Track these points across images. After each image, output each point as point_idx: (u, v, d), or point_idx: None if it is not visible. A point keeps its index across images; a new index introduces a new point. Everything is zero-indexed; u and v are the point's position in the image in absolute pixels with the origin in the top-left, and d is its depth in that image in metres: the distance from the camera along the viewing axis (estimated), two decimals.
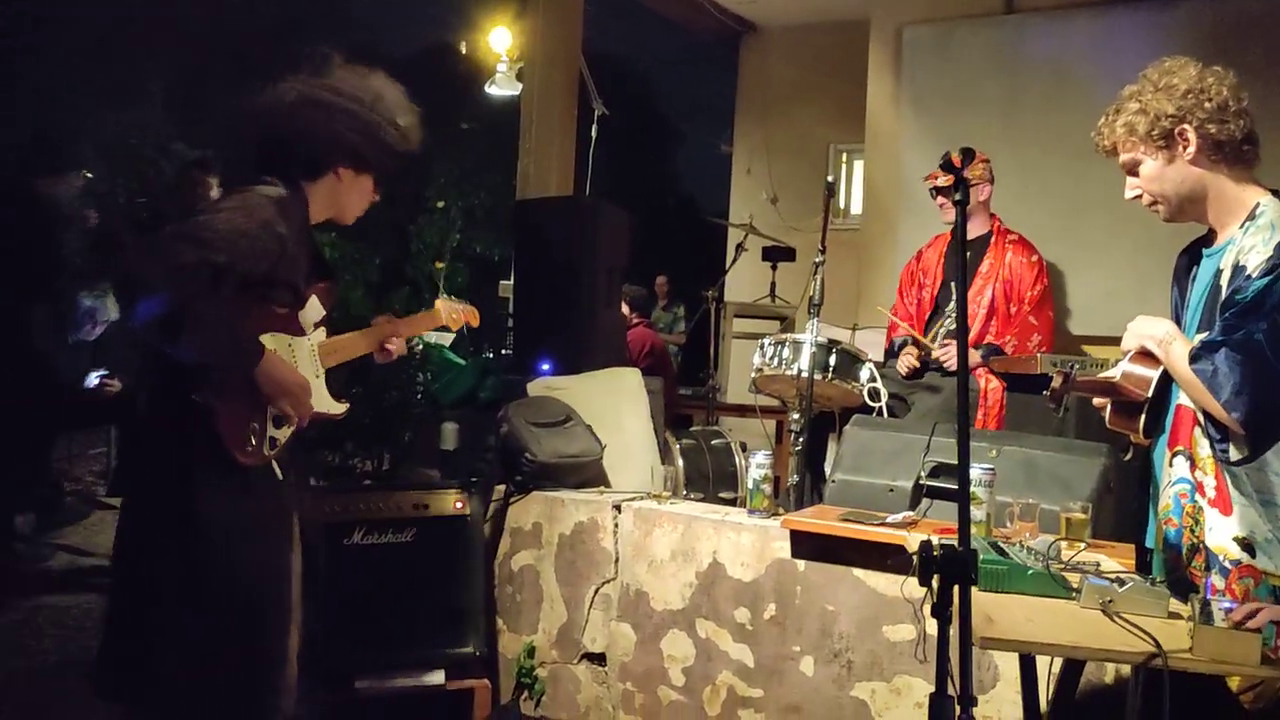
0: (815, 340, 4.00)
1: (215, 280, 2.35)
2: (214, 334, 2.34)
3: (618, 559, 3.80)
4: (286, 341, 2.58)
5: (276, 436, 2.54)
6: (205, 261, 2.31)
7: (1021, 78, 5.91)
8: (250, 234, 2.40)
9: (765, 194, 8.90)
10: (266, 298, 2.53)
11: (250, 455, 2.47)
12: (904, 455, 3.53)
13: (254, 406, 2.49)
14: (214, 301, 2.34)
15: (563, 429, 4.17)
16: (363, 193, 2.72)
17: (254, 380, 2.46)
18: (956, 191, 1.86)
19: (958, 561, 1.70)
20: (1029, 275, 4.53)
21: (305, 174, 2.63)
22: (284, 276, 2.54)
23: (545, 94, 6.93)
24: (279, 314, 2.58)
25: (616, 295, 5.08)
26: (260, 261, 2.43)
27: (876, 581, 3.23)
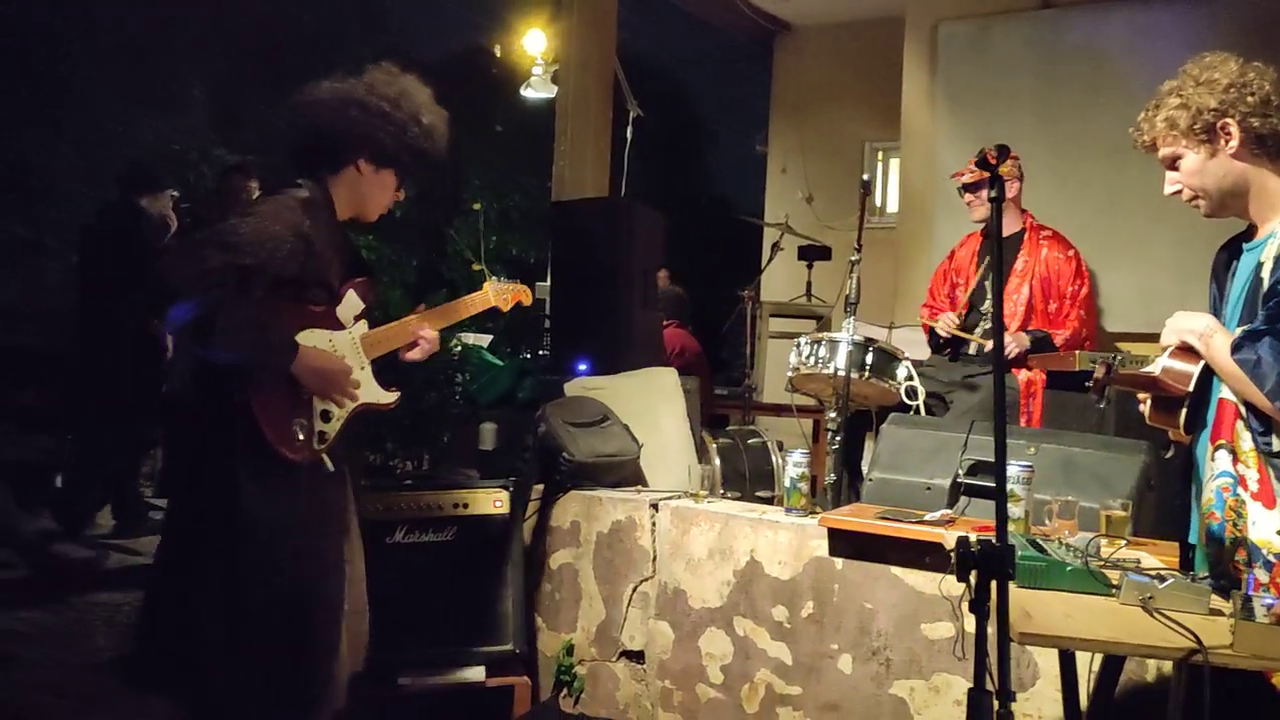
0: (852, 339, 3.99)
1: (245, 282, 2.41)
2: (246, 334, 2.40)
3: (655, 557, 3.82)
4: (327, 337, 2.64)
5: (325, 430, 2.60)
6: (232, 265, 2.37)
7: (1058, 73, 5.87)
8: (276, 236, 2.46)
9: (800, 193, 8.88)
10: (301, 297, 2.58)
11: (299, 450, 2.52)
12: (941, 453, 3.51)
13: (298, 403, 2.54)
14: (244, 303, 2.39)
15: (600, 428, 4.20)
16: (384, 188, 2.76)
17: (294, 377, 2.50)
18: (992, 188, 1.86)
19: (995, 556, 1.70)
20: (1067, 270, 4.49)
21: (328, 168, 2.69)
22: (316, 275, 2.60)
23: (580, 96, 6.97)
24: (315, 312, 2.63)
25: (653, 295, 5.10)
26: (288, 262, 2.49)
27: (914, 579, 3.23)
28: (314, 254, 2.55)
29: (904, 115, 6.86)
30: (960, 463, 3.42)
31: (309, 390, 2.55)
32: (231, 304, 2.37)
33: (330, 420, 2.61)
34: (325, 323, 2.66)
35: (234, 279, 2.38)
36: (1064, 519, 2.85)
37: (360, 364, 2.72)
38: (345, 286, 2.72)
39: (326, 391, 2.58)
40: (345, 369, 2.63)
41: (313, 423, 2.57)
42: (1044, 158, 5.08)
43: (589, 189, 6.75)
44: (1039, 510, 2.95)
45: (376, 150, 2.69)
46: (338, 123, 2.65)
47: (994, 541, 1.75)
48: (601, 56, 7.01)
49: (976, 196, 4.52)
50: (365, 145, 2.67)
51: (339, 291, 2.70)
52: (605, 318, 4.85)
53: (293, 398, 2.53)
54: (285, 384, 2.52)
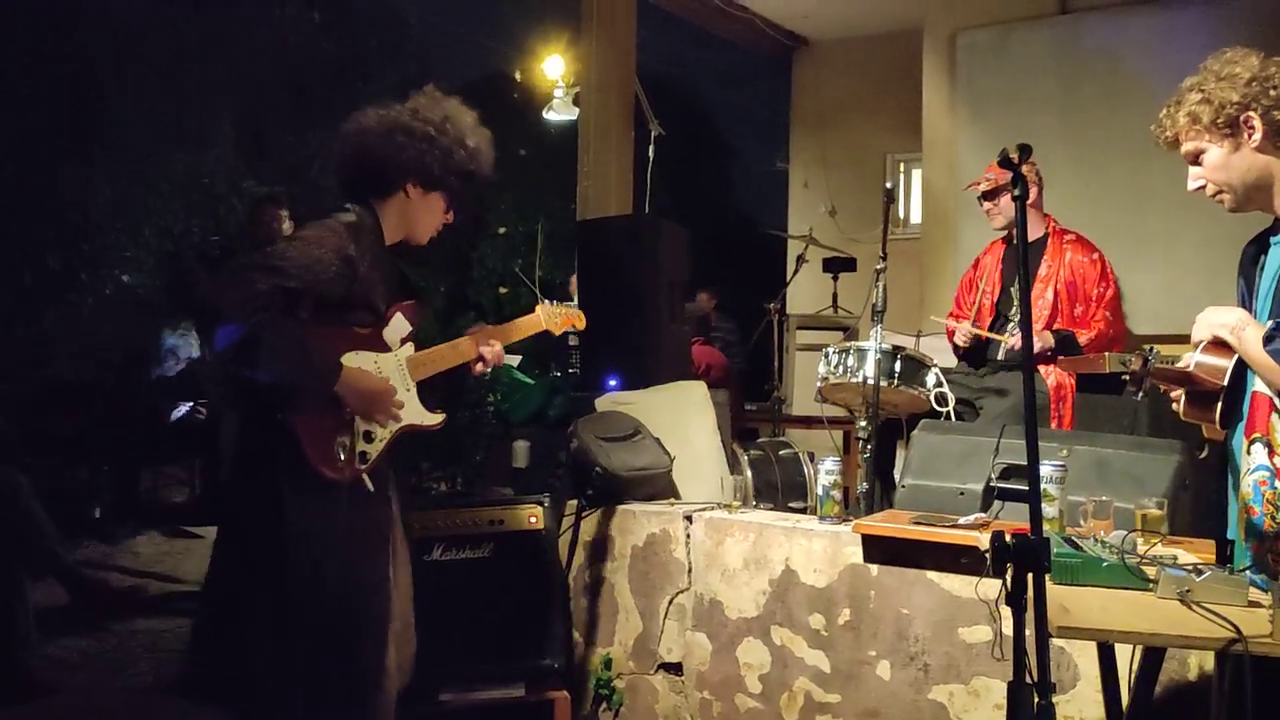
0: (880, 347, 4.00)
1: (290, 305, 2.45)
2: (290, 356, 2.44)
3: (690, 569, 3.83)
4: (372, 359, 2.68)
5: (367, 451, 2.62)
6: (278, 288, 2.41)
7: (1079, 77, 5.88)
8: (322, 260, 2.50)
9: (823, 207, 8.91)
10: (346, 319, 2.63)
11: (339, 471, 2.55)
12: (973, 458, 3.51)
13: (340, 423, 2.57)
14: (289, 325, 2.44)
15: (631, 442, 4.22)
16: (433, 211, 2.80)
17: (337, 397, 2.54)
18: (1015, 187, 1.89)
19: (1030, 550, 1.72)
20: (1092, 273, 4.48)
21: (376, 194, 2.73)
22: (362, 298, 2.64)
23: (602, 118, 7.03)
24: (361, 334, 2.67)
25: (679, 310, 5.14)
26: (334, 285, 2.53)
27: (950, 583, 3.23)
28: (359, 277, 2.59)
29: (925, 125, 6.88)
30: (992, 467, 3.41)
31: (351, 411, 2.59)
32: (277, 326, 2.41)
33: (373, 441, 2.64)
34: (371, 345, 2.69)
35: (280, 302, 2.43)
36: (1099, 519, 2.84)
37: (406, 386, 2.74)
38: (393, 310, 2.74)
39: (369, 412, 2.61)
40: (388, 390, 2.65)
41: (354, 443, 2.60)
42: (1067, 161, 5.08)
43: (613, 208, 6.81)
44: (1073, 511, 2.95)
45: (424, 174, 2.72)
46: (385, 149, 2.69)
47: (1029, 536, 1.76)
48: (622, 77, 7.08)
49: (995, 205, 4.52)
50: (413, 170, 2.71)
51: (386, 314, 2.73)
52: (633, 333, 4.88)
53: (335, 418, 2.57)
54: (328, 405, 2.55)
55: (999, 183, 4.42)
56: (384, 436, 2.66)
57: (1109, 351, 4.32)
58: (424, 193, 2.75)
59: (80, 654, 4.45)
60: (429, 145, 2.70)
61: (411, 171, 2.71)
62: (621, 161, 7.03)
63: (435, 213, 2.80)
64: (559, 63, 8.42)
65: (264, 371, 2.45)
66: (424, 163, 2.70)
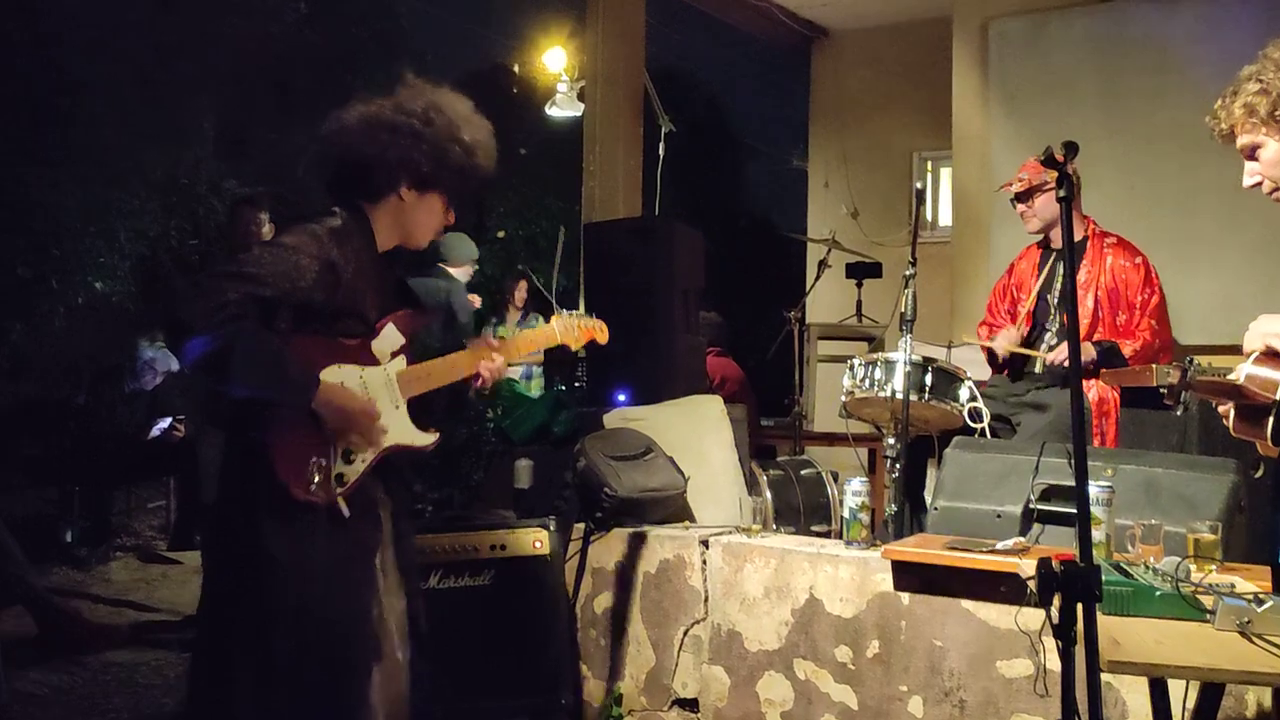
0: (909, 359, 3.99)
1: (267, 315, 2.45)
2: (262, 369, 2.43)
3: (707, 597, 3.83)
4: (358, 373, 2.65)
5: (345, 473, 2.60)
6: (251, 297, 2.41)
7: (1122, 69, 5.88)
8: (300, 267, 2.49)
9: (845, 208, 8.91)
10: (331, 331, 2.62)
11: (314, 493, 2.53)
12: (1011, 478, 3.51)
13: (317, 442, 2.55)
14: (263, 337, 2.43)
15: (643, 461, 4.22)
16: (431, 213, 2.77)
17: (315, 414, 2.53)
18: (1060, 188, 1.89)
19: (1080, 577, 1.71)
20: (1135, 279, 4.46)
21: (367, 197, 2.72)
22: (347, 307, 2.62)
23: (609, 113, 7.05)
24: (347, 346, 2.65)
25: (694, 319, 5.14)
26: (315, 294, 2.52)
27: (988, 613, 3.22)
28: (343, 285, 2.58)
29: (955, 121, 6.88)
30: (1032, 488, 3.42)
31: (329, 429, 2.58)
32: (249, 338, 2.41)
33: (353, 462, 2.62)
34: (358, 357, 2.67)
35: (253, 312, 2.43)
36: (1148, 544, 2.83)
37: (394, 402, 2.71)
38: (384, 320, 2.73)
39: (345, 432, 2.59)
40: (367, 409, 2.61)
41: (331, 463, 2.59)
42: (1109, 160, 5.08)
43: (621, 210, 6.82)
44: (1121, 535, 2.94)
45: (415, 174, 2.69)
46: (368, 149, 2.66)
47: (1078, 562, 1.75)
48: (630, 70, 7.10)
49: (1029, 206, 4.50)
50: (403, 170, 2.68)
51: (376, 325, 2.72)
52: (644, 344, 4.88)
53: (312, 436, 2.55)
54: (305, 422, 2.54)
55: (1033, 182, 4.41)
56: (366, 457, 2.64)
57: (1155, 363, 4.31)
58: (420, 195, 2.72)
59: (51, 690, 4.45)
60: (415, 141, 2.66)
61: (402, 172, 2.68)
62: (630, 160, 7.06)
63: (434, 214, 2.78)
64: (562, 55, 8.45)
65: (234, 386, 2.44)
66: (412, 161, 2.67)
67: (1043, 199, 4.42)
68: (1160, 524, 2.86)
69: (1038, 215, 4.50)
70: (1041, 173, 4.29)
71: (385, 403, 2.69)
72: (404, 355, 2.76)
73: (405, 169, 2.68)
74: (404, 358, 2.76)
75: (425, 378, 2.78)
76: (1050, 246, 4.58)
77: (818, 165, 9.48)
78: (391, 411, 2.70)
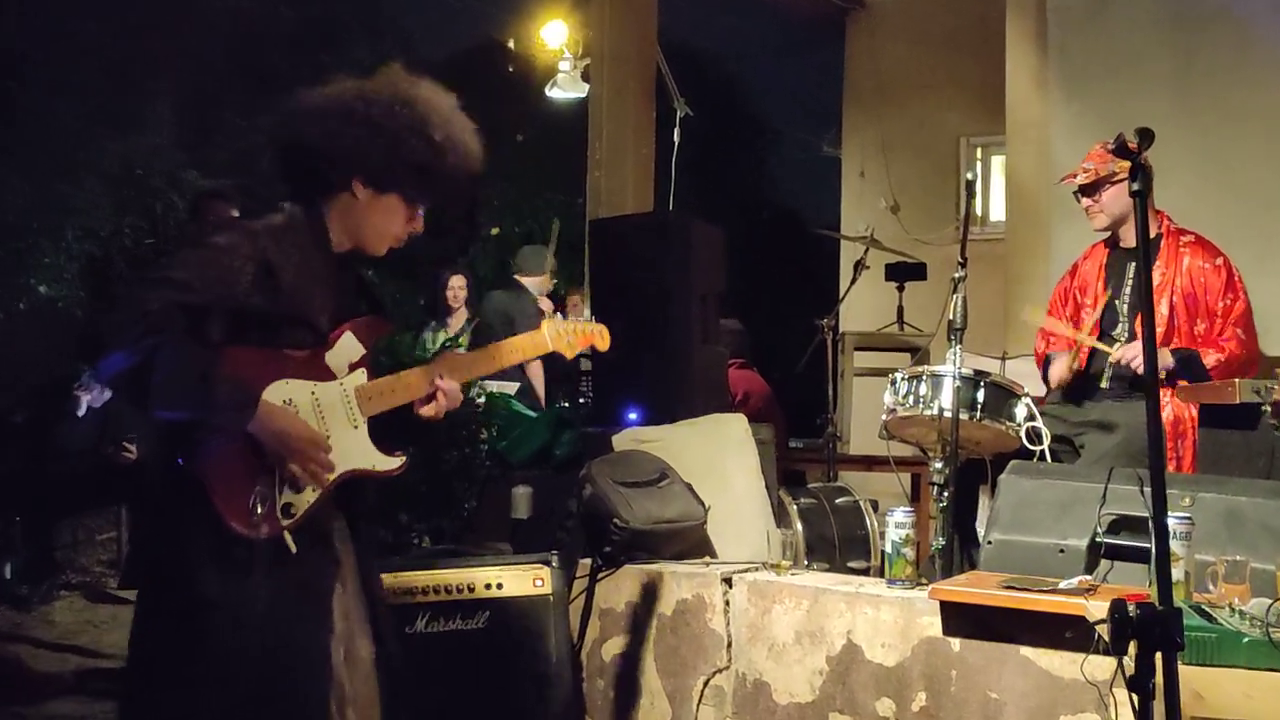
0: (959, 372, 3.99)
1: (196, 326, 2.45)
2: (188, 388, 2.42)
3: (730, 643, 3.81)
4: (309, 389, 2.63)
5: (293, 503, 2.59)
6: (176, 305, 2.40)
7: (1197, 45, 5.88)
8: (233, 270, 2.49)
9: (884, 201, 8.92)
10: (275, 340, 2.61)
11: (254, 527, 2.52)
12: (1075, 508, 3.51)
13: (258, 469, 2.55)
14: (188, 351, 2.42)
15: (657, 489, 4.21)
16: (387, 216, 2.74)
17: (254, 438, 2.52)
18: (1134, 181, 1.88)
19: (1159, 622, 1.70)
20: (1215, 282, 4.45)
21: (320, 191, 2.71)
22: (293, 314, 2.61)
23: (617, 95, 7.08)
24: (295, 358, 2.63)
25: (714, 327, 5.14)
26: (251, 299, 2.51)
27: (1050, 661, 3.20)
28: (286, 289, 2.57)
29: (1009, 103, 6.89)
30: (1099, 518, 3.42)
31: (271, 456, 2.56)
32: (171, 353, 2.40)
33: (302, 490, 2.61)
34: (308, 371, 2.65)
35: (179, 322, 2.42)
36: (1232, 583, 2.83)
37: (353, 421, 2.70)
38: (341, 329, 2.72)
39: (286, 458, 2.58)
40: (312, 436, 2.59)
41: (276, 493, 2.57)
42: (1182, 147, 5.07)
43: (631, 203, 6.85)
44: (1201, 573, 2.93)
45: (368, 170, 2.68)
46: (321, 137, 2.66)
47: (1156, 606, 1.75)
48: (640, 47, 7.13)
49: (1095, 201, 4.49)
50: (354, 164, 2.67)
51: (331, 334, 2.71)
52: (658, 356, 4.89)
53: (252, 463, 2.53)
54: (244, 446, 2.53)
55: (1100, 173, 4.40)
56: (316, 487, 2.63)
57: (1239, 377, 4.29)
58: (374, 194, 2.71)
59: None
60: (371, 134, 2.64)
61: (352, 165, 2.67)
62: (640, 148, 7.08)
63: (392, 217, 2.74)
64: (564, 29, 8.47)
65: (156, 408, 2.44)
66: (365, 155, 2.65)
67: (1111, 192, 4.41)
68: (1246, 560, 2.85)
69: (1105, 211, 4.48)
70: (1109, 162, 4.28)
71: (341, 422, 2.67)
72: (364, 368, 2.74)
73: (357, 162, 2.67)
74: (364, 370, 2.73)
75: (386, 394, 2.75)
76: (1119, 245, 4.57)
77: (853, 153, 9.50)
78: (349, 431, 2.68)
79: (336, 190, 2.70)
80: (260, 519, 2.53)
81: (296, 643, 2.59)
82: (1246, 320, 4.43)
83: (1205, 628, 2.23)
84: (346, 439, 2.67)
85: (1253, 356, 4.42)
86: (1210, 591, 2.85)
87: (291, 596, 2.58)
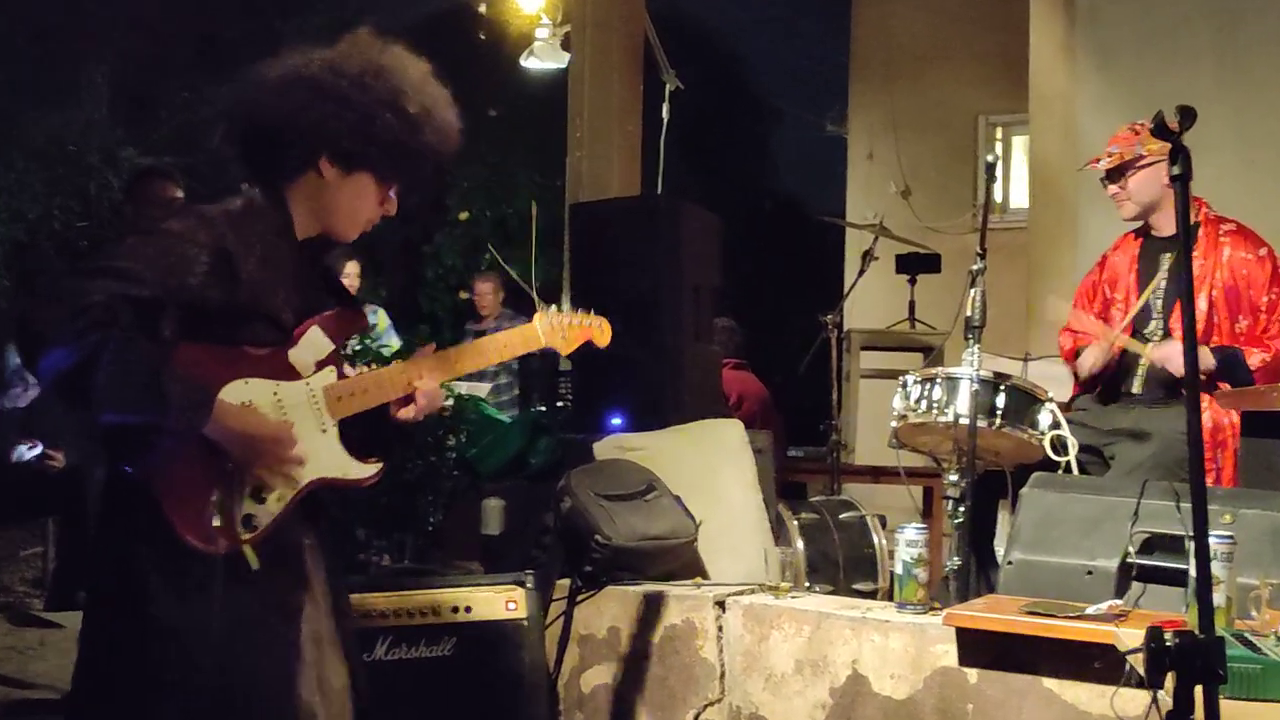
0: (978, 375, 3.99)
1: (145, 321, 2.43)
2: (136, 388, 2.40)
3: (724, 673, 3.82)
4: (271, 389, 2.62)
5: (255, 514, 2.57)
6: (124, 297, 2.38)
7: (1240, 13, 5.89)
8: (186, 258, 2.47)
9: (894, 185, 8.94)
10: (235, 337, 2.60)
11: (212, 540, 2.51)
12: (1104, 525, 3.51)
13: (216, 477, 2.53)
14: (136, 347, 2.41)
15: (643, 502, 4.22)
16: (358, 196, 2.73)
17: (210, 442, 2.51)
18: (1174, 164, 1.88)
19: (1200, 652, 1.70)
20: (1260, 275, 4.45)
21: (282, 173, 2.70)
22: (253, 307, 2.60)
23: (600, 66, 7.08)
24: (255, 355, 2.62)
25: (707, 323, 5.14)
26: (207, 291, 2.50)
27: (1076, 694, 3.21)
28: (246, 280, 2.56)
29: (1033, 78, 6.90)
30: (1130, 537, 3.42)
31: (232, 460, 2.55)
32: (117, 349, 2.38)
33: (264, 500, 2.59)
34: (270, 370, 2.62)
35: (127, 316, 2.41)
36: (1277, 608, 2.84)
37: (321, 424, 2.68)
38: (307, 323, 2.72)
39: (250, 463, 2.56)
40: (276, 435, 2.56)
41: (236, 503, 2.56)
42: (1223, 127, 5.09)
43: (616, 186, 6.85)
44: (1243, 597, 2.94)
45: (335, 146, 2.66)
46: (283, 111, 2.64)
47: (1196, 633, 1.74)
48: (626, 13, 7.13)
49: (1122, 187, 4.49)
50: (321, 140, 2.65)
51: (296, 329, 2.70)
52: (646, 355, 4.86)
53: (210, 470, 2.51)
54: (200, 452, 2.52)
55: (1125, 156, 4.39)
56: (283, 495, 2.62)
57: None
58: (343, 173, 2.69)
59: None
60: (339, 107, 2.63)
61: (318, 142, 2.65)
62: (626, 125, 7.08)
63: (364, 199, 2.73)
64: None
65: (100, 409, 2.42)
66: (332, 129, 2.63)
67: (1139, 177, 4.40)
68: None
69: (1133, 198, 4.48)
70: (1135, 143, 4.28)
71: (309, 425, 2.65)
72: (333, 366, 2.73)
73: (324, 139, 2.65)
74: (333, 369, 2.72)
75: (359, 393, 2.73)
76: (1152, 234, 4.57)
77: (860, 132, 9.52)
78: (316, 436, 2.67)
79: (301, 171, 2.69)
80: (218, 532, 2.51)
81: (260, 671, 2.58)
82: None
83: (1249, 658, 2.23)
84: (315, 443, 2.65)
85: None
86: (1253, 618, 2.86)
87: (254, 619, 2.57)
